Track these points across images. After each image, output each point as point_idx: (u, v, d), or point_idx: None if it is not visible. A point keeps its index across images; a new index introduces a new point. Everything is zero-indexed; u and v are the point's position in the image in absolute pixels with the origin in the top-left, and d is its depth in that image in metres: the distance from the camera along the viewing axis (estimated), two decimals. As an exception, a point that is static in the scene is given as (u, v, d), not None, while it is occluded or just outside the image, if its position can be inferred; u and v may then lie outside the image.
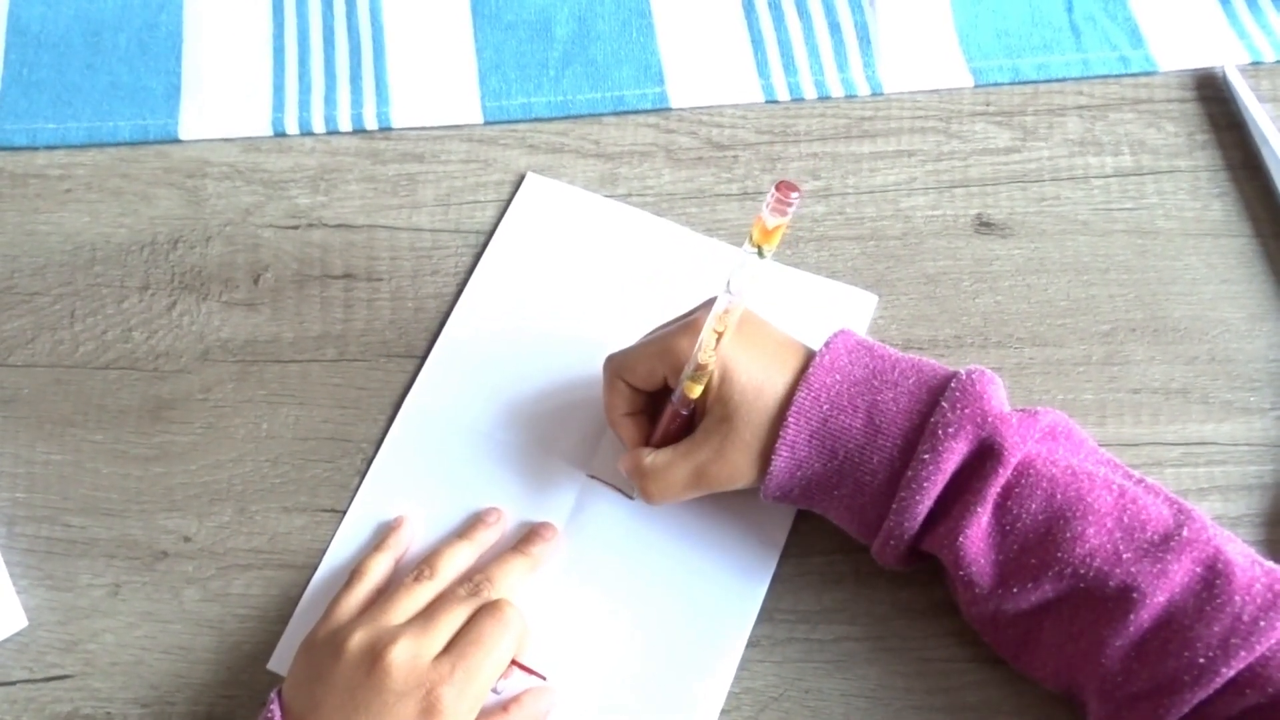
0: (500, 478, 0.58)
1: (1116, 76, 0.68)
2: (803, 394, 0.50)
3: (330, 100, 0.68)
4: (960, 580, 0.49)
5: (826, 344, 0.52)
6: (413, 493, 0.58)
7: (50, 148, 0.67)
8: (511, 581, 0.54)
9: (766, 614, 0.55)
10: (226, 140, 0.67)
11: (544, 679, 0.53)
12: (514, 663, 0.52)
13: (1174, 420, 0.59)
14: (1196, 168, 0.65)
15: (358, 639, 0.49)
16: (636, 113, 0.67)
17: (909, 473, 0.48)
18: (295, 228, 0.64)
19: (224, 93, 0.68)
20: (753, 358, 0.51)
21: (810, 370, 0.50)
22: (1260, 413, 0.59)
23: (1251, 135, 0.65)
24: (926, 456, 0.48)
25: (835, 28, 0.69)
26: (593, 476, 0.58)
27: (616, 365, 0.54)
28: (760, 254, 0.45)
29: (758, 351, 0.51)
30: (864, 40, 0.69)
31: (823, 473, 0.50)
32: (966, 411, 0.48)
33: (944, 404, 0.48)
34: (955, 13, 0.70)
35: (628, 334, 0.56)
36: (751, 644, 0.54)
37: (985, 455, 0.48)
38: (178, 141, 0.67)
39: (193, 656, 0.54)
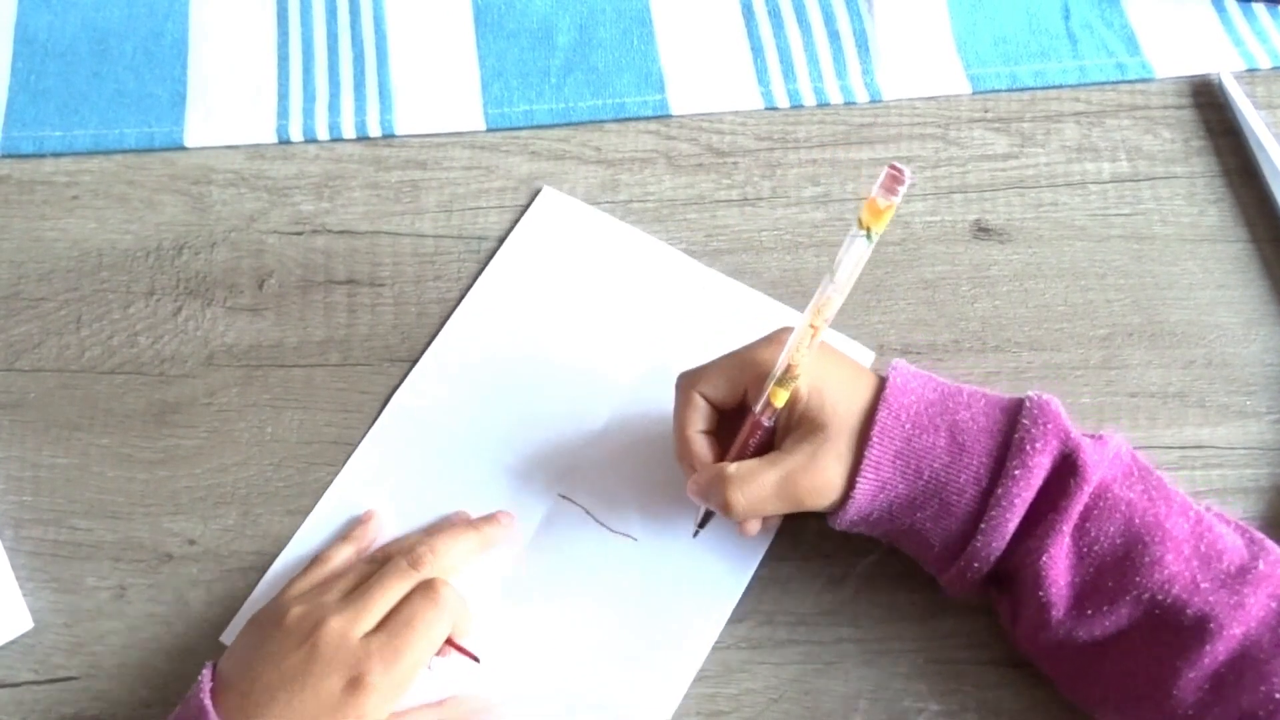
0: (474, 485, 0.58)
1: (1113, 83, 0.69)
2: (884, 413, 0.49)
3: (334, 107, 0.68)
4: (1036, 602, 0.48)
5: (892, 367, 0.51)
6: (386, 489, 0.58)
7: (57, 155, 0.67)
8: (456, 554, 0.53)
9: (766, 616, 0.55)
10: (231, 147, 0.67)
11: (477, 660, 0.53)
12: (449, 642, 0.52)
13: (1171, 424, 0.59)
14: (1193, 174, 0.66)
15: (295, 613, 0.50)
16: (637, 120, 0.68)
17: (999, 490, 0.48)
18: (299, 234, 0.65)
19: (229, 100, 0.69)
20: (838, 372, 0.51)
21: (886, 391, 0.50)
22: (1256, 416, 0.59)
23: (1247, 141, 0.66)
24: (1018, 472, 0.48)
25: (834, 35, 0.70)
26: (563, 496, 0.58)
27: (692, 379, 0.53)
28: (869, 237, 0.45)
29: (840, 369, 0.51)
30: (863, 48, 0.70)
31: (907, 494, 0.50)
32: (1049, 427, 0.48)
33: (1025, 420, 0.48)
34: (953, 20, 0.71)
35: (620, 362, 0.57)
36: (752, 646, 0.54)
37: (1067, 473, 0.48)
38: (183, 149, 0.67)
39: (197, 658, 0.55)
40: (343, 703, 0.47)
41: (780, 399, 0.50)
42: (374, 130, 0.68)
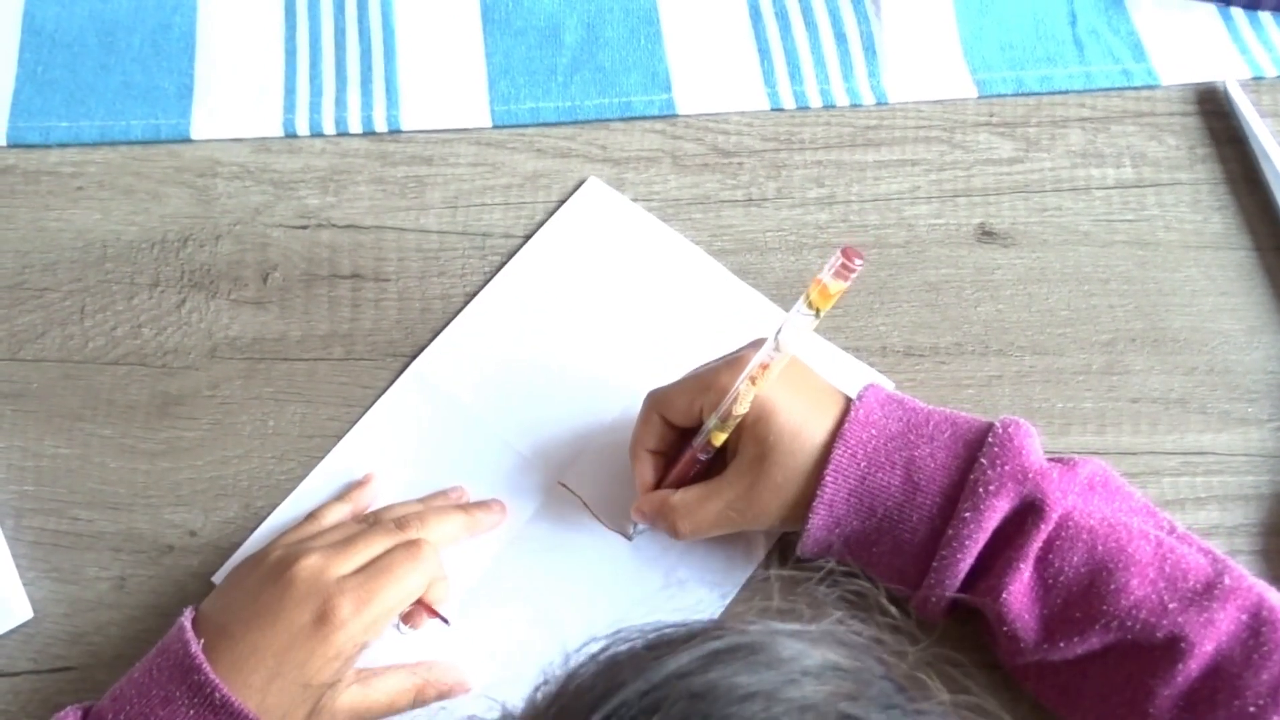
0: (478, 461, 0.58)
1: (1119, 89, 0.69)
2: (839, 451, 0.49)
3: (341, 102, 0.68)
4: (1004, 635, 0.49)
5: (859, 397, 0.51)
6: (390, 455, 0.58)
7: (63, 145, 0.67)
8: (443, 531, 0.54)
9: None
10: (237, 140, 0.67)
11: (447, 622, 0.53)
12: (421, 603, 0.52)
13: (1173, 430, 0.59)
14: (1197, 181, 0.66)
15: (277, 553, 0.51)
16: (643, 119, 0.68)
17: (950, 531, 0.48)
18: (304, 228, 0.65)
19: (236, 93, 0.69)
20: (794, 401, 0.50)
21: (845, 426, 0.50)
22: (1258, 424, 0.59)
23: (1252, 149, 0.66)
24: (968, 515, 0.48)
25: (841, 37, 0.70)
26: (562, 484, 0.58)
27: (655, 399, 0.54)
28: (816, 316, 0.46)
29: (800, 396, 0.51)
30: (869, 50, 0.70)
31: (861, 530, 0.50)
32: (1007, 468, 0.48)
33: (983, 460, 0.48)
34: (960, 25, 0.71)
35: (640, 360, 0.57)
36: (751, 645, 0.54)
37: (1027, 511, 0.48)
38: (189, 141, 0.67)
39: (197, 650, 0.55)
40: (310, 635, 0.47)
41: (719, 440, 0.51)
42: (380, 125, 0.68)
